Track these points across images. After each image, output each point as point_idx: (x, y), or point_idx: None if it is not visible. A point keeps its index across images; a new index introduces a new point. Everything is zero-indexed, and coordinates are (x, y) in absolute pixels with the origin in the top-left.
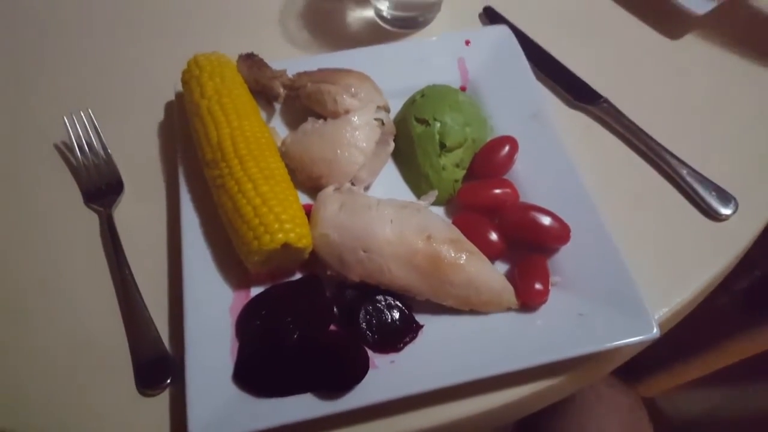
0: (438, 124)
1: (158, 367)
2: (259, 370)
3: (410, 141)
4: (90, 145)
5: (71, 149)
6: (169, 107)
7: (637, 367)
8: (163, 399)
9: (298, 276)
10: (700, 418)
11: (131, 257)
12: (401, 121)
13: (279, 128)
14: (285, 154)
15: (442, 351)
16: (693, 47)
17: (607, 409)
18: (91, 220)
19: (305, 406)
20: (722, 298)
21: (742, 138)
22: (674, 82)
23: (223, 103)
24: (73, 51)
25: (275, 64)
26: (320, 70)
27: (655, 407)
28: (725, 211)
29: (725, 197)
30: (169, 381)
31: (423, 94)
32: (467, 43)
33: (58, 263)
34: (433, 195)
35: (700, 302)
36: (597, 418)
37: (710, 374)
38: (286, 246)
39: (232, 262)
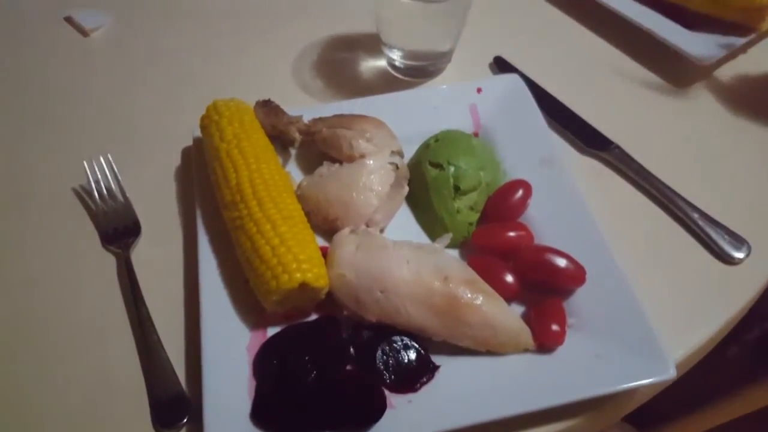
0: (452, 168)
1: (175, 406)
2: (277, 410)
3: (424, 185)
4: (108, 189)
5: (90, 194)
6: (186, 153)
7: (648, 417)
8: None
9: (314, 317)
10: None
11: (148, 298)
12: (415, 165)
13: (294, 173)
14: (301, 197)
15: (460, 391)
16: (701, 95)
17: None
18: (108, 262)
19: None
20: (732, 348)
21: (753, 182)
22: (684, 128)
23: (242, 147)
24: (93, 97)
25: (291, 111)
26: (336, 116)
27: None
28: (738, 254)
29: (738, 241)
30: (185, 420)
31: (437, 138)
32: (479, 90)
33: (76, 304)
34: (448, 238)
35: (711, 351)
36: None
37: (721, 426)
38: (303, 286)
39: (249, 302)
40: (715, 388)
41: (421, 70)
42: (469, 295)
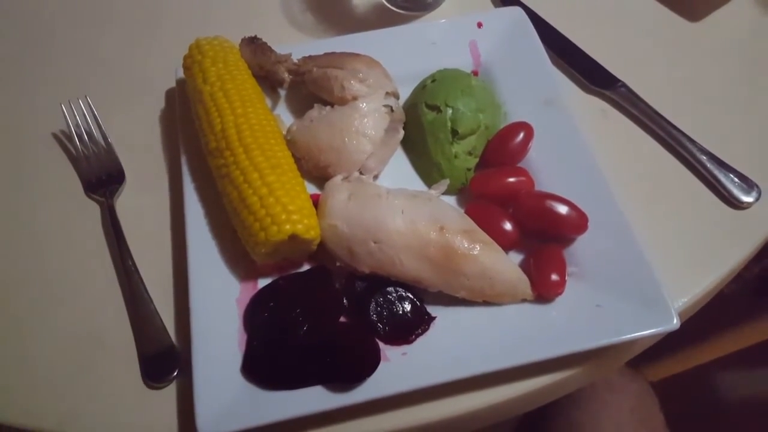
0: (450, 111)
1: (164, 359)
2: (268, 363)
3: (421, 128)
4: (89, 133)
5: (70, 138)
6: (170, 94)
7: (643, 351)
8: (170, 391)
9: (306, 267)
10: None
11: (134, 248)
12: (411, 108)
13: (284, 115)
14: (291, 143)
15: (455, 343)
16: (715, 28)
17: (617, 397)
18: (92, 211)
19: (315, 399)
20: (732, 284)
21: (765, 123)
22: (695, 64)
23: (227, 90)
24: (69, 37)
25: (279, 49)
26: (327, 55)
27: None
28: (747, 198)
29: (748, 184)
30: (175, 374)
31: (434, 78)
32: (479, 25)
33: (60, 256)
34: (445, 184)
35: None
36: (608, 406)
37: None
38: (293, 237)
39: (238, 252)
40: (710, 323)
41: (418, 2)
42: (465, 245)
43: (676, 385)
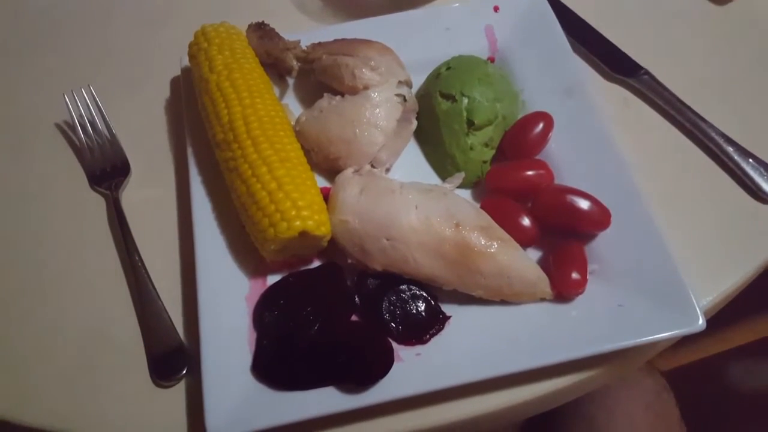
0: (465, 100)
1: (173, 357)
2: (279, 363)
3: (435, 118)
4: (93, 123)
5: (73, 129)
6: (175, 82)
7: None
8: (179, 390)
9: (316, 263)
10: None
11: (141, 243)
12: (425, 97)
13: (293, 105)
14: (300, 134)
15: (471, 343)
16: (741, 13)
17: (632, 392)
18: (97, 204)
19: (327, 400)
20: None
21: None
22: (720, 51)
23: (234, 79)
24: (72, 24)
25: (288, 35)
26: (337, 41)
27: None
28: None
29: None
30: (184, 372)
31: (449, 66)
32: (496, 9)
33: (65, 250)
34: (460, 177)
35: None
36: (623, 402)
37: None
38: (303, 234)
39: (247, 248)
40: (722, 314)
41: None
42: (482, 243)
43: (685, 375)
